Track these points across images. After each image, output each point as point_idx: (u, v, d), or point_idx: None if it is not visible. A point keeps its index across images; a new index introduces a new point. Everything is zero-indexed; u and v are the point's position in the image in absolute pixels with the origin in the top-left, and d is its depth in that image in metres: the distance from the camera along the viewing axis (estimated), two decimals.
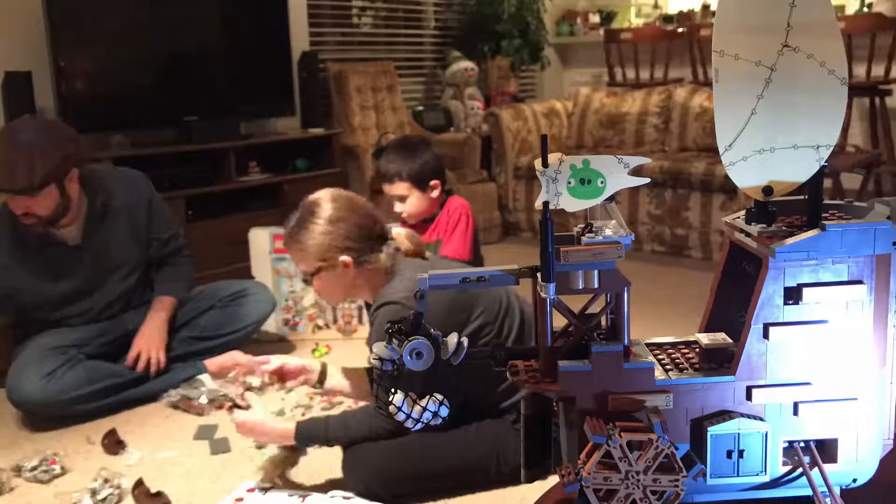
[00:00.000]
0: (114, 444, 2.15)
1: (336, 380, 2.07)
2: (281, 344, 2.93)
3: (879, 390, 1.08)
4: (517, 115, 4.65)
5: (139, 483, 1.87)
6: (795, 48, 1.05)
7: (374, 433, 1.81)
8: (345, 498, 1.83)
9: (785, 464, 1.09)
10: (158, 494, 1.85)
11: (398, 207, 2.63)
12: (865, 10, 5.03)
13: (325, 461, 2.03)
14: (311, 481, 1.94)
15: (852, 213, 1.11)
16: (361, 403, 2.11)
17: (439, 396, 1.07)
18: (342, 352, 2.85)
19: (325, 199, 1.91)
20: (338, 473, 1.93)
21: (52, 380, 2.28)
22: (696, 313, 1.26)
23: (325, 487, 1.89)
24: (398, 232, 1.97)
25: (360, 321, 3.00)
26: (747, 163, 1.09)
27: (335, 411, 2.33)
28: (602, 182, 1.02)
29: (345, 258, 1.83)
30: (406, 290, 1.77)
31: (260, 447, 2.11)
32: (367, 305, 2.02)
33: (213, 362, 2.55)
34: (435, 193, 2.64)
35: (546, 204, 1.02)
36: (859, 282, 1.05)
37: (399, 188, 2.60)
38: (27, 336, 2.44)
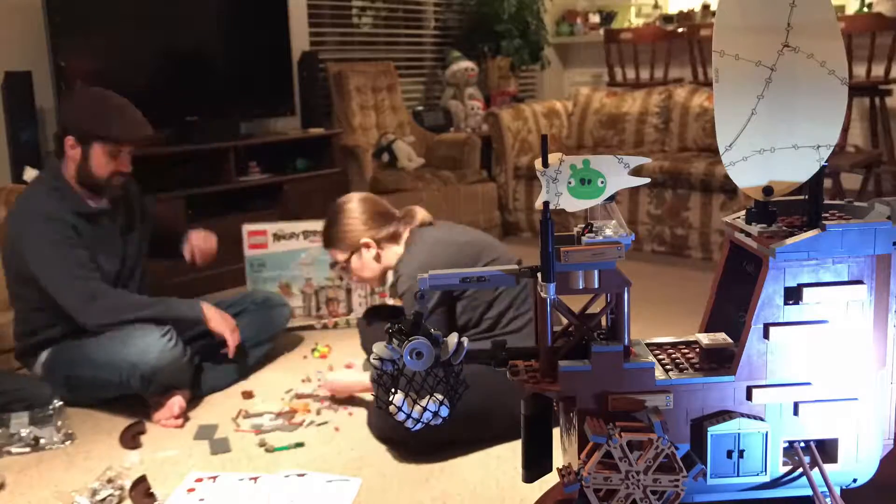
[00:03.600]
0: (130, 438, 2.18)
1: None
2: (280, 343, 2.93)
3: (879, 390, 1.08)
4: (517, 115, 4.64)
5: (141, 480, 1.88)
6: (795, 48, 1.05)
7: None
8: (299, 475, 1.89)
9: (785, 464, 1.09)
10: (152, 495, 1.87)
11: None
12: (865, 10, 5.03)
13: (353, 454, 2.03)
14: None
15: (852, 213, 1.10)
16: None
17: (439, 396, 1.07)
18: (343, 352, 2.85)
19: (345, 199, 2.35)
20: (357, 466, 1.93)
21: (171, 340, 2.30)
22: (696, 313, 1.26)
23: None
24: (411, 208, 2.36)
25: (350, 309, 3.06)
26: (747, 163, 1.09)
27: (336, 412, 2.33)
28: (602, 182, 1.02)
29: (365, 240, 2.27)
30: (416, 257, 2.17)
31: (263, 446, 2.11)
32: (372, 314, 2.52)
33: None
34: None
35: (546, 204, 1.02)
36: (859, 282, 1.05)
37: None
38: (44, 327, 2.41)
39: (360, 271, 2.31)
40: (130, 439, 2.18)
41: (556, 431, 1.12)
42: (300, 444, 2.12)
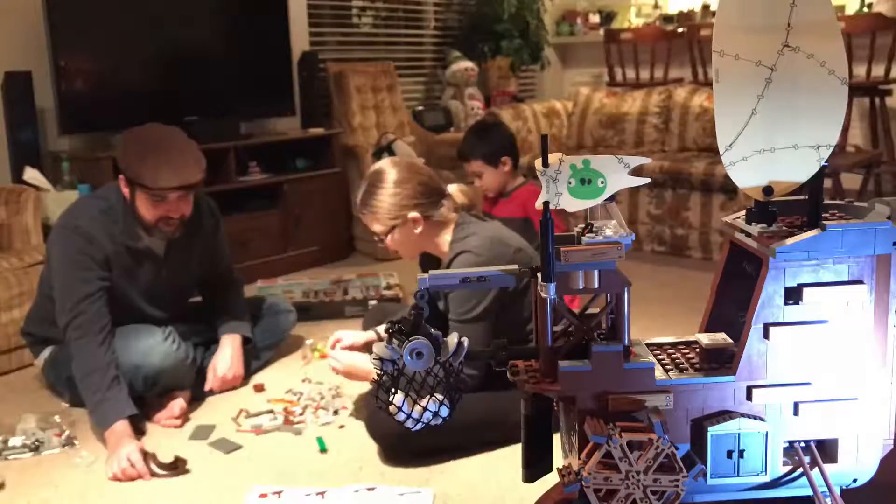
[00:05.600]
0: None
1: None
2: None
3: (879, 390, 1.08)
4: (517, 115, 4.64)
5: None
6: (796, 48, 1.05)
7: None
8: (368, 489, 1.83)
9: (785, 464, 1.09)
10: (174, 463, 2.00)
11: (476, 183, 2.96)
12: (865, 10, 5.03)
13: (353, 455, 2.03)
14: (332, 475, 1.94)
15: (852, 214, 1.10)
16: None
17: (439, 396, 1.07)
18: None
19: (387, 166, 2.13)
20: (358, 466, 1.92)
21: (175, 342, 2.29)
22: (696, 313, 1.26)
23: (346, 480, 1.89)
24: (453, 187, 2.21)
25: None
26: (747, 163, 1.09)
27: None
28: (602, 182, 1.02)
29: (413, 214, 2.08)
30: (479, 244, 2.04)
31: (324, 450, 2.10)
32: (424, 259, 2.28)
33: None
34: (506, 168, 2.93)
35: (546, 204, 1.02)
36: (859, 282, 1.05)
37: (474, 166, 2.94)
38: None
39: (400, 245, 2.15)
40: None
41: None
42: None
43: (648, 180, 1.07)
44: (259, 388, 2.52)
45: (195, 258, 2.51)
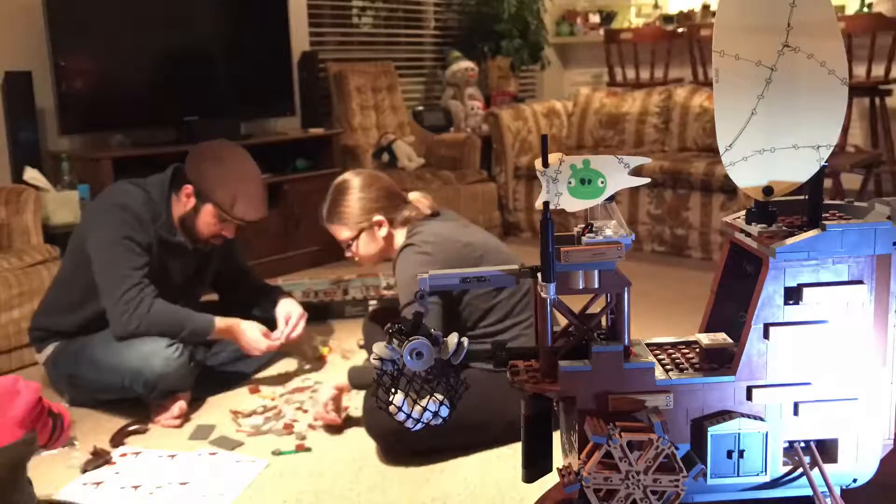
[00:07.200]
0: (119, 435, 2.21)
1: None
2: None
3: (879, 390, 1.08)
4: (517, 115, 4.65)
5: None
6: (796, 48, 1.05)
7: None
8: (210, 454, 2.04)
9: (785, 464, 1.09)
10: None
11: None
12: (865, 10, 5.03)
13: (353, 455, 2.03)
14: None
15: (852, 214, 1.10)
16: None
17: (439, 396, 1.07)
18: (344, 349, 2.85)
19: (350, 175, 2.30)
20: (358, 466, 1.93)
21: (177, 349, 2.28)
22: (696, 313, 1.26)
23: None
24: (414, 195, 2.33)
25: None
26: (747, 163, 1.09)
27: None
28: (602, 182, 1.02)
29: (378, 217, 2.22)
30: (424, 239, 2.11)
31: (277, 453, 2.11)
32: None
33: None
34: None
35: (546, 204, 1.02)
36: (859, 282, 1.05)
37: None
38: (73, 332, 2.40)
39: (365, 250, 2.26)
40: (118, 435, 2.20)
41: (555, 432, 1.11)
42: (308, 450, 2.12)
43: (648, 180, 1.07)
44: (256, 390, 2.52)
45: (213, 260, 2.58)
